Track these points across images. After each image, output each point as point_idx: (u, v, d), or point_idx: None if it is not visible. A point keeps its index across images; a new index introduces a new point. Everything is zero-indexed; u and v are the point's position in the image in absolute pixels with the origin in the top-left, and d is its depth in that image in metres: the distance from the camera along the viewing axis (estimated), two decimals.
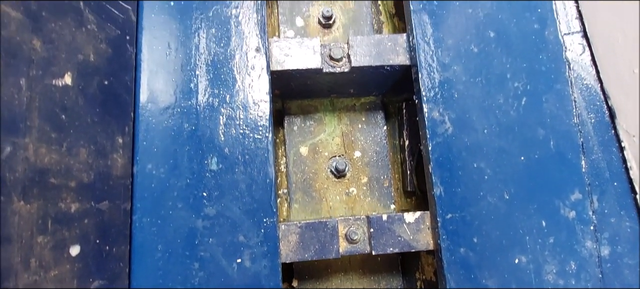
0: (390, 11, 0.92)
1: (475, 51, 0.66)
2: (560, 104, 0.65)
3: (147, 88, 0.59)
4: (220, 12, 0.64)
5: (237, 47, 0.63)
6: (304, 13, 0.88)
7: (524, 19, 0.68)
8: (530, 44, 0.67)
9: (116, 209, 0.53)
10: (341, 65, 0.69)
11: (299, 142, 0.83)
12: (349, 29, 0.88)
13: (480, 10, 0.68)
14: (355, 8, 0.89)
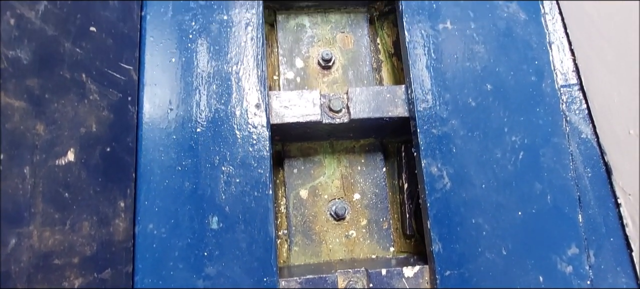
0: (389, 50, 0.92)
1: (473, 105, 0.67)
2: (557, 157, 0.66)
3: (148, 148, 0.60)
4: (220, 69, 0.65)
5: (237, 103, 0.64)
6: (304, 54, 0.88)
7: (521, 72, 0.68)
8: (528, 97, 0.67)
9: (118, 274, 0.54)
10: (341, 116, 0.70)
11: (299, 185, 0.83)
12: (348, 70, 0.88)
13: (478, 63, 0.68)
14: (355, 49, 0.90)
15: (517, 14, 0.70)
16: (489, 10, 0.70)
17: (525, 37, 0.70)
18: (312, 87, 0.87)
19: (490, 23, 0.70)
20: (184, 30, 0.65)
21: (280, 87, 0.87)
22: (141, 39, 0.64)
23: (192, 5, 0.66)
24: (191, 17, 0.66)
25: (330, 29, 0.91)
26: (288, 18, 0.90)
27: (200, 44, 0.65)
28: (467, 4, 0.70)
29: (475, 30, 0.69)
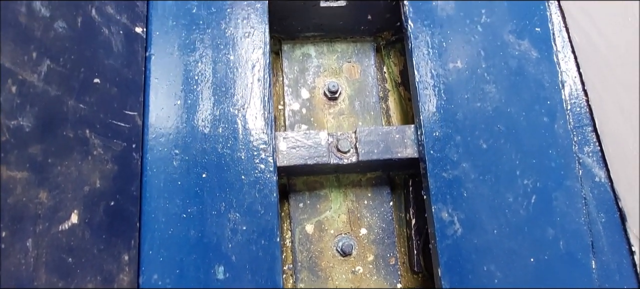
0: (395, 79, 0.91)
1: (485, 147, 0.65)
2: (570, 201, 0.64)
3: (153, 195, 0.59)
4: (226, 111, 0.63)
5: (243, 147, 0.63)
6: (310, 85, 0.87)
7: (533, 112, 0.67)
8: (540, 139, 0.66)
9: None
10: (348, 156, 0.68)
11: (305, 220, 0.82)
12: (355, 101, 0.87)
13: (489, 103, 0.67)
14: (361, 78, 0.88)
15: (529, 52, 0.69)
16: (500, 49, 0.69)
17: (537, 76, 0.68)
18: (317, 118, 0.86)
19: (502, 62, 0.68)
20: (189, 72, 0.64)
21: (285, 118, 0.85)
22: (146, 81, 0.62)
23: (198, 45, 0.65)
24: (197, 57, 0.64)
25: (337, 58, 0.89)
26: (293, 47, 0.89)
27: (206, 86, 0.64)
28: (477, 41, 0.69)
29: (486, 69, 0.68)
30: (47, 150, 0.42)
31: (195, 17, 0.66)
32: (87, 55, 0.50)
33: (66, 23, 0.47)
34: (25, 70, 0.40)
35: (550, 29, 0.70)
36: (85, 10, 0.50)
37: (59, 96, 0.45)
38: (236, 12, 0.67)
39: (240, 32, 0.66)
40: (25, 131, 0.40)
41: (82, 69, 0.49)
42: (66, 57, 0.46)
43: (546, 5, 0.71)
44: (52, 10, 0.45)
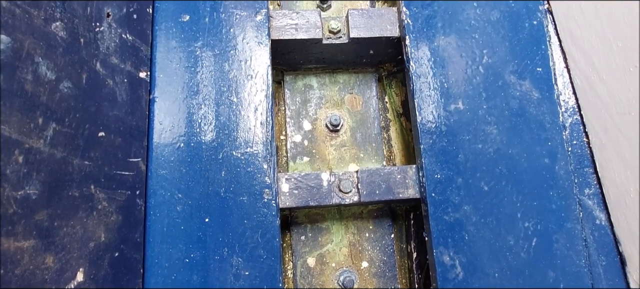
0: (397, 110, 0.91)
1: (486, 189, 0.66)
2: (570, 244, 0.65)
3: (156, 241, 0.59)
4: (229, 155, 0.64)
5: (246, 191, 0.63)
6: (311, 116, 0.87)
7: (534, 154, 0.67)
8: (541, 180, 0.66)
9: None
10: (350, 196, 0.69)
11: (306, 253, 0.83)
12: (356, 132, 0.87)
13: (490, 145, 0.67)
14: (363, 110, 0.89)
15: (530, 92, 0.69)
16: (501, 89, 0.69)
17: (539, 117, 0.68)
18: (319, 151, 0.86)
19: (503, 102, 0.69)
20: (192, 114, 0.64)
21: (287, 150, 0.86)
22: (149, 124, 0.63)
23: (201, 87, 0.65)
24: (200, 100, 0.65)
25: (339, 89, 0.90)
26: (296, 78, 0.89)
27: (209, 129, 0.64)
28: (479, 82, 0.69)
29: (488, 110, 0.68)
30: (53, 214, 0.43)
31: (199, 59, 0.67)
32: (91, 111, 0.50)
33: (71, 82, 0.47)
34: (31, 138, 0.41)
35: (551, 69, 0.70)
36: (90, 65, 0.50)
37: (65, 157, 0.45)
38: (239, 53, 0.68)
39: (243, 74, 0.67)
40: (31, 199, 0.40)
41: (87, 126, 0.49)
42: (71, 116, 0.47)
43: (547, 45, 0.71)
44: (58, 72, 0.45)
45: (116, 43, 0.56)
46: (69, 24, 0.47)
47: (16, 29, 0.40)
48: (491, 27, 0.71)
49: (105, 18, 0.54)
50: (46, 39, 0.44)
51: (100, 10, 0.53)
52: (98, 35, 0.52)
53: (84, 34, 0.50)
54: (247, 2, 0.70)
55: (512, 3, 0.73)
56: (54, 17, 0.45)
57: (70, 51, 0.47)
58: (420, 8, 0.72)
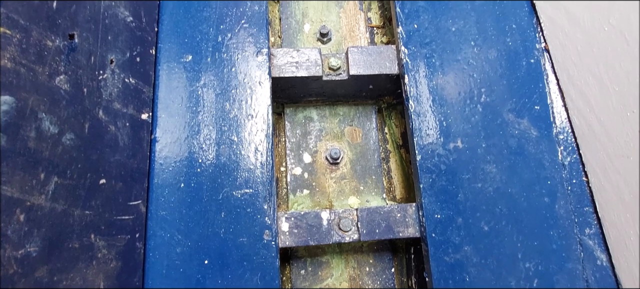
0: (397, 141, 0.92)
1: (486, 229, 0.66)
2: (571, 285, 0.64)
3: (155, 283, 0.59)
4: (229, 196, 0.64)
5: (246, 232, 0.63)
6: (312, 149, 0.88)
7: (534, 193, 0.67)
8: (541, 220, 0.66)
9: None
10: (350, 234, 0.69)
11: (306, 287, 0.82)
12: (356, 165, 0.87)
13: (490, 184, 0.67)
14: (363, 142, 0.89)
15: (528, 130, 0.70)
16: (500, 127, 0.70)
17: (538, 156, 0.69)
18: (319, 183, 0.86)
19: (502, 141, 0.69)
20: (193, 154, 0.65)
21: (287, 182, 0.86)
22: (150, 165, 0.63)
23: (202, 127, 0.66)
24: (201, 140, 0.65)
25: (339, 122, 0.90)
26: (296, 110, 0.90)
27: (209, 169, 0.64)
28: (478, 121, 0.69)
29: (487, 149, 0.68)
30: (53, 269, 0.43)
31: (200, 99, 0.67)
32: (93, 159, 0.51)
33: (74, 133, 0.48)
34: (33, 194, 0.41)
35: (549, 108, 0.71)
36: (93, 113, 0.51)
37: (66, 210, 0.45)
38: (240, 93, 0.68)
39: (244, 113, 0.67)
40: (32, 256, 0.40)
41: (88, 175, 0.49)
42: (73, 167, 0.47)
43: (545, 84, 0.72)
44: (61, 125, 0.46)
45: (119, 88, 0.57)
46: (73, 75, 0.48)
47: (21, 88, 0.41)
48: (489, 65, 0.72)
49: (109, 65, 0.55)
50: (50, 94, 0.44)
51: (103, 58, 0.54)
52: (101, 83, 0.53)
53: (88, 83, 0.51)
54: (248, 41, 0.72)
55: (510, 42, 0.74)
56: (58, 71, 0.46)
57: (74, 102, 0.48)
58: (418, 47, 0.73)
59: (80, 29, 0.50)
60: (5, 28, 0.39)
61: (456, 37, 0.74)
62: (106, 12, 0.55)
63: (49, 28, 0.45)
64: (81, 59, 0.50)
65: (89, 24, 0.51)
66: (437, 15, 0.75)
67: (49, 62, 0.45)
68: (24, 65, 0.41)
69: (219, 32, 0.71)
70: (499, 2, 0.76)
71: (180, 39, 0.70)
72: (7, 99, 0.39)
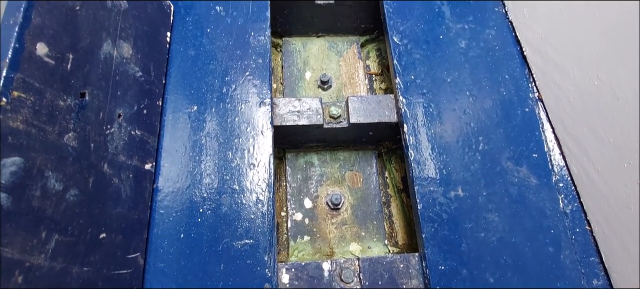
0: (397, 186, 0.92)
1: (492, 281, 0.64)
2: None
3: None
4: (230, 246, 0.63)
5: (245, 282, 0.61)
6: (312, 194, 0.88)
7: (538, 242, 0.67)
8: (547, 271, 0.65)
9: None
10: (352, 285, 0.67)
11: None
12: (357, 210, 0.87)
13: (493, 233, 0.67)
14: (363, 187, 0.89)
15: (528, 178, 0.70)
16: (499, 175, 0.70)
17: (539, 204, 0.69)
18: (320, 229, 0.85)
19: (502, 189, 0.69)
20: (194, 203, 0.65)
21: (288, 228, 0.85)
22: (151, 215, 0.63)
23: (205, 176, 0.66)
24: (203, 189, 0.66)
25: (339, 167, 0.91)
26: (297, 156, 0.91)
27: (210, 220, 0.64)
28: (477, 169, 0.70)
29: (488, 197, 0.69)
30: None
31: (204, 148, 0.69)
32: (95, 213, 0.51)
33: (78, 189, 0.48)
34: (33, 255, 0.41)
35: (547, 155, 0.72)
36: (98, 167, 0.52)
37: (64, 267, 0.45)
38: (242, 142, 0.70)
39: (246, 162, 0.68)
40: None
41: (89, 230, 0.49)
42: (75, 224, 0.47)
43: (541, 132, 0.74)
44: (66, 182, 0.46)
45: (125, 141, 0.58)
46: (82, 132, 0.50)
47: (30, 149, 0.42)
48: (485, 114, 0.74)
49: (116, 119, 0.57)
50: (58, 152, 0.45)
51: (112, 113, 0.56)
52: (108, 137, 0.54)
53: (95, 138, 0.52)
54: (252, 92, 0.74)
55: (504, 91, 0.77)
56: (67, 129, 0.47)
57: (80, 158, 0.49)
58: (416, 96, 0.76)
59: (92, 87, 0.52)
60: (20, 92, 0.41)
61: (452, 87, 0.76)
62: (117, 69, 0.57)
63: (62, 89, 0.47)
64: (90, 115, 0.52)
65: (100, 82, 0.54)
66: (433, 66, 0.78)
67: (60, 121, 0.46)
68: (35, 126, 0.42)
69: (224, 83, 0.74)
70: (491, 55, 0.80)
71: (187, 91, 0.72)
72: (16, 160, 0.40)
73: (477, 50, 0.81)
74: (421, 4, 0.87)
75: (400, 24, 0.84)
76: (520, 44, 0.82)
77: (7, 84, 0.40)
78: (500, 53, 0.81)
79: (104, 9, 0.56)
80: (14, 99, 0.40)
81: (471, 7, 0.86)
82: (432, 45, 0.82)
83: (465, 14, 0.85)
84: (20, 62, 0.41)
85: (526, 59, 0.80)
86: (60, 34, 0.47)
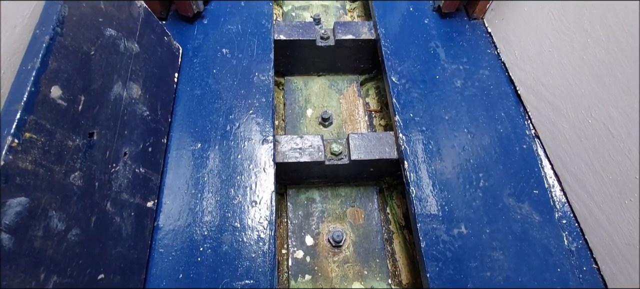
0: (399, 222, 0.91)
1: None
2: None
3: None
4: (230, 287, 0.61)
5: None
6: (314, 231, 0.87)
7: (546, 281, 0.65)
8: None
9: None
10: None
11: None
12: (359, 247, 0.86)
13: (498, 272, 0.65)
14: (365, 224, 0.89)
15: (530, 216, 0.70)
16: (501, 212, 0.70)
17: (543, 241, 0.68)
18: (322, 268, 0.83)
19: (506, 226, 0.69)
20: (194, 242, 0.64)
21: (288, 266, 0.83)
22: (150, 253, 0.62)
23: (206, 214, 0.66)
24: (204, 227, 0.65)
25: (340, 203, 0.91)
26: (298, 192, 0.91)
27: (209, 261, 0.63)
28: (479, 206, 0.70)
29: (491, 235, 0.68)
30: None
31: (206, 185, 0.69)
32: (95, 253, 0.50)
33: (80, 228, 0.48)
34: None
35: (548, 192, 0.72)
36: (101, 206, 0.52)
37: None
38: (245, 179, 0.70)
39: (248, 199, 0.68)
40: None
41: (88, 271, 0.48)
42: (74, 264, 0.46)
43: (540, 168, 0.74)
44: (69, 221, 0.46)
45: (129, 179, 0.58)
46: (87, 171, 0.50)
47: (37, 189, 0.42)
48: (484, 151, 0.76)
49: (122, 157, 0.58)
50: (63, 191, 0.46)
51: (118, 152, 0.57)
52: (113, 175, 0.55)
53: (100, 177, 0.52)
54: (255, 130, 0.76)
55: (500, 129, 0.79)
56: (74, 168, 0.48)
57: (84, 197, 0.49)
58: (415, 133, 0.77)
59: (100, 127, 0.53)
60: (32, 133, 0.43)
61: (450, 124, 0.78)
62: (126, 109, 0.59)
63: (72, 129, 0.48)
64: (97, 154, 0.52)
65: (108, 122, 0.55)
66: (431, 105, 0.81)
67: (67, 161, 0.47)
68: (43, 166, 0.43)
69: (228, 121, 0.76)
70: (486, 93, 0.83)
71: (192, 128, 0.74)
72: (21, 200, 0.40)
73: (472, 89, 0.84)
74: (417, 46, 0.91)
75: (398, 65, 0.87)
76: (513, 84, 0.85)
77: (20, 126, 0.41)
78: (495, 92, 0.84)
79: (116, 53, 0.58)
80: (25, 140, 0.41)
81: (464, 49, 0.90)
82: (429, 85, 0.85)
83: (459, 56, 0.89)
84: (34, 104, 0.43)
85: (520, 97, 0.83)
86: (74, 77, 0.49)
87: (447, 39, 0.93)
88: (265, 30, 0.92)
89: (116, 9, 0.60)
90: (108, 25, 0.57)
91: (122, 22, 0.61)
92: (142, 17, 0.68)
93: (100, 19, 0.56)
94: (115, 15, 0.60)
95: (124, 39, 0.60)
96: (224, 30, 0.91)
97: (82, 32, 0.52)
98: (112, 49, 0.58)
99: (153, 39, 0.71)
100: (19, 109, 0.41)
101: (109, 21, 0.58)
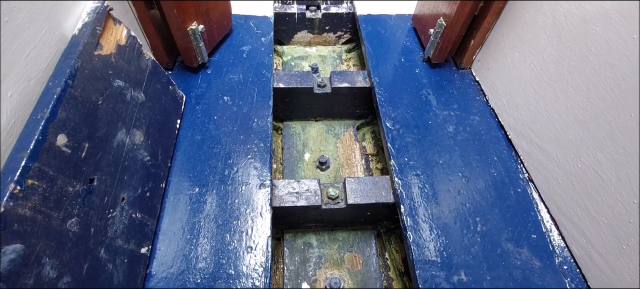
0: (399, 268, 0.89)
1: None
2: None
3: None
4: None
5: None
6: (311, 277, 0.84)
7: None
8: None
9: None
10: None
11: None
12: None
13: None
14: (363, 269, 0.86)
15: (530, 261, 0.69)
16: (501, 258, 0.69)
17: None
18: None
19: (506, 272, 0.67)
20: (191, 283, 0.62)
21: None
22: None
23: (200, 260, 0.65)
24: (197, 274, 0.64)
25: (338, 248, 0.89)
26: (295, 236, 0.90)
27: None
28: (478, 251, 0.69)
29: (492, 282, 0.66)
30: None
31: (201, 230, 0.68)
32: None
33: (71, 276, 0.47)
34: None
35: (546, 236, 0.72)
36: (94, 253, 0.51)
37: None
38: (241, 224, 0.70)
39: (244, 245, 0.68)
40: None
41: None
42: None
43: (536, 212, 0.75)
44: (61, 269, 0.46)
45: (125, 224, 0.58)
46: (84, 217, 0.51)
47: (33, 235, 0.42)
48: (479, 195, 0.76)
49: (120, 203, 0.58)
50: (58, 238, 0.46)
51: (116, 197, 0.57)
52: (109, 221, 0.55)
53: (96, 223, 0.53)
54: (253, 175, 0.77)
55: (494, 172, 0.80)
56: (71, 214, 0.48)
57: (79, 244, 0.49)
58: (410, 177, 0.78)
59: (101, 173, 0.55)
60: (34, 180, 0.44)
61: (444, 169, 0.80)
62: (127, 155, 0.61)
63: (73, 175, 0.49)
64: (95, 200, 0.53)
65: (109, 167, 0.56)
66: (425, 149, 0.83)
67: (66, 207, 0.48)
68: (41, 212, 0.44)
69: (226, 166, 0.77)
70: (478, 138, 0.85)
71: (190, 173, 0.75)
72: (17, 247, 0.40)
73: (464, 134, 0.87)
74: (409, 94, 0.95)
75: (392, 111, 0.91)
76: (504, 129, 0.88)
77: (23, 173, 0.42)
78: (487, 136, 0.87)
79: (123, 102, 0.61)
80: (27, 187, 0.42)
81: (455, 96, 0.95)
82: (423, 130, 0.87)
83: (450, 102, 0.93)
84: (39, 152, 0.45)
85: (511, 142, 0.85)
86: (80, 126, 0.51)
87: (437, 87, 0.98)
88: (265, 79, 0.97)
89: (126, 62, 0.64)
90: (117, 76, 0.61)
91: (131, 74, 0.65)
92: (149, 68, 0.72)
93: (110, 71, 0.60)
94: (125, 68, 0.64)
95: (131, 89, 0.64)
96: (226, 80, 0.96)
97: (92, 84, 0.55)
98: (118, 98, 0.61)
99: (158, 88, 0.75)
100: (25, 156, 0.43)
101: (118, 73, 0.61)
